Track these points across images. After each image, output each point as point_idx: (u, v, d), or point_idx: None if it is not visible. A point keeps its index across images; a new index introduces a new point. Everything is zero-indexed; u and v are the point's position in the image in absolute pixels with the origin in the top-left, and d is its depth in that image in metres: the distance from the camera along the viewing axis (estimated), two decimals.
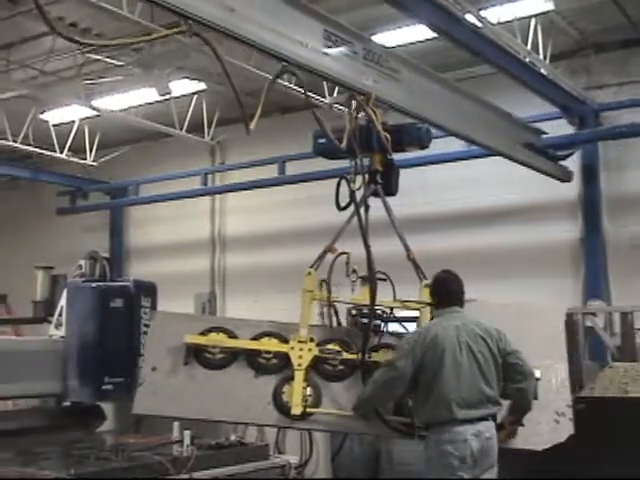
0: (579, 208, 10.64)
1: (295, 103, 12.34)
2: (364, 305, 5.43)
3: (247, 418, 5.37)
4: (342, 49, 5.79)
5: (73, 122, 13.25)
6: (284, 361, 5.29)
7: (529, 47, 9.13)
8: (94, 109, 12.19)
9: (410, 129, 5.88)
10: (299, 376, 5.21)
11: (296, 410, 5.11)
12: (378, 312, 5.43)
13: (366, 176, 5.55)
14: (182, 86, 11.46)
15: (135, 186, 15.07)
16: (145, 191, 14.96)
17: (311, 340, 5.32)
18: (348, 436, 8.12)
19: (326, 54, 5.65)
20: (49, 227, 16.38)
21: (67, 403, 7.25)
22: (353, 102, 5.79)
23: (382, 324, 5.49)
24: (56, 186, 15.67)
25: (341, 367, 5.32)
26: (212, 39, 4.88)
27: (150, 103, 12.03)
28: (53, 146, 13.78)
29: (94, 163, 14.51)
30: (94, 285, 7.55)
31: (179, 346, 5.16)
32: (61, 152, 13.87)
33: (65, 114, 12.83)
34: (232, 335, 5.33)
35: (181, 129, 13.01)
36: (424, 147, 5.96)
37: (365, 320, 5.44)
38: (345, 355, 5.32)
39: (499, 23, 8.73)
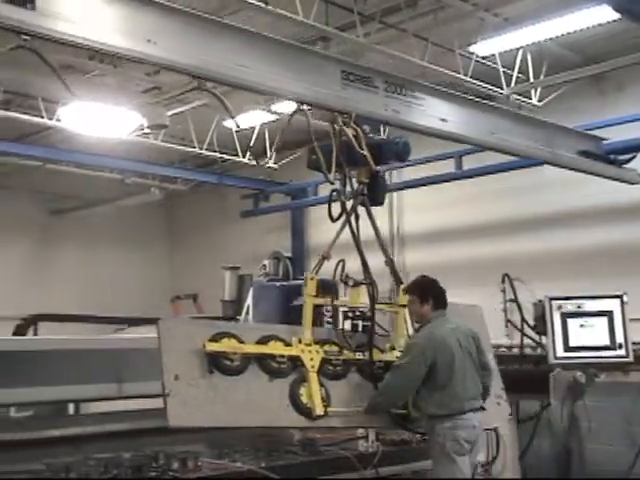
0: None
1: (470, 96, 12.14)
2: (356, 307, 5.79)
3: (277, 422, 5.40)
4: (360, 86, 6.29)
5: (254, 127, 13.71)
6: (293, 364, 5.43)
7: None
8: (273, 113, 12.56)
9: (388, 144, 6.20)
10: (314, 378, 5.41)
11: (320, 410, 5.30)
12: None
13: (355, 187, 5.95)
14: None
15: (314, 187, 15.37)
16: (324, 191, 15.22)
17: (315, 342, 5.55)
18: (536, 434, 7.94)
19: (344, 92, 6.15)
20: (234, 229, 17.04)
21: None
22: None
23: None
24: (240, 189, 16.30)
25: (341, 367, 5.61)
26: None
27: None
28: (236, 151, 14.34)
29: (275, 166, 14.95)
30: (278, 284, 7.77)
31: (194, 352, 5.07)
32: (243, 156, 14.40)
33: (246, 120, 13.30)
34: (240, 340, 5.33)
35: None
36: (403, 160, 6.34)
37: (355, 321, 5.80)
38: (349, 355, 5.61)
39: None
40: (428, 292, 5.85)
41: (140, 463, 5.07)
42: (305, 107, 6.05)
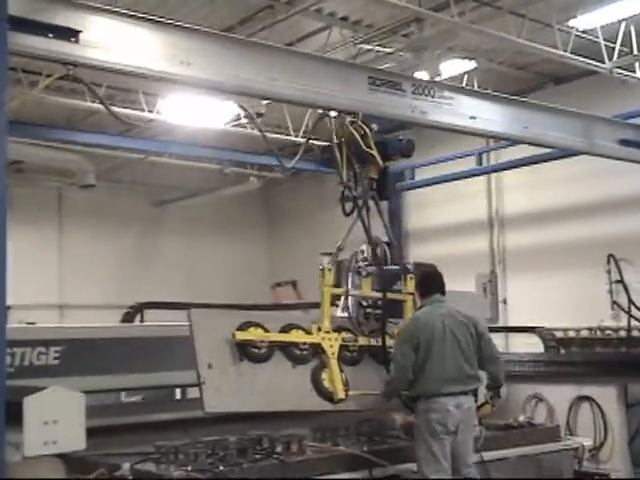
0: None
1: (570, 72, 11.84)
2: (370, 297, 6.13)
3: (302, 406, 5.60)
4: (387, 90, 6.56)
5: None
6: (314, 350, 5.68)
7: None
8: None
9: (393, 142, 6.47)
10: (335, 364, 5.67)
11: (341, 394, 5.56)
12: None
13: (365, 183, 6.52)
14: (452, 66, 11.40)
15: (411, 170, 15.28)
16: (420, 174, 15.12)
17: (334, 330, 5.80)
18: None
19: (370, 97, 6.46)
20: (332, 215, 17.01)
21: None
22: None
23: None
24: (336, 176, 16.31)
25: (357, 352, 5.91)
26: None
27: None
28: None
29: None
30: (376, 269, 7.74)
31: (224, 341, 5.28)
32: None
33: None
34: (265, 329, 5.52)
35: None
36: (407, 156, 6.61)
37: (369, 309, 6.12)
38: (363, 342, 5.92)
39: None
40: (419, 281, 6.14)
41: (245, 446, 5.20)
42: (332, 113, 6.35)
